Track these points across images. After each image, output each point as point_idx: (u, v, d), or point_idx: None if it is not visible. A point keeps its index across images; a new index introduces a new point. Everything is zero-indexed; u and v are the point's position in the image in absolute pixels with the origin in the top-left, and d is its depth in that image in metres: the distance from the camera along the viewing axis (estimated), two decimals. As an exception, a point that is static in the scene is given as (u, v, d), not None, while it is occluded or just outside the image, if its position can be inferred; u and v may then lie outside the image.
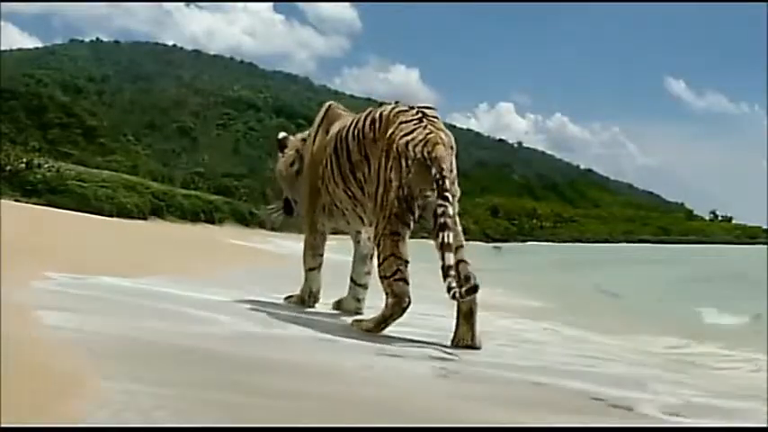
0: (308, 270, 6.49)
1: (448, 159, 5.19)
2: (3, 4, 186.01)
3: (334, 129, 6.19)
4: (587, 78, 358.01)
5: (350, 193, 5.81)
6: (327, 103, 6.75)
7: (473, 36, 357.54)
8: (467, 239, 5.36)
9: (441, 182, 5.04)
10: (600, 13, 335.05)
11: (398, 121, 5.36)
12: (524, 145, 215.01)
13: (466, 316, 5.14)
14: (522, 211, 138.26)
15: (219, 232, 59.63)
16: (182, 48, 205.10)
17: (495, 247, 39.79)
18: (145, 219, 66.20)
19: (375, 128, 5.52)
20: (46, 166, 70.55)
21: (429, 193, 5.12)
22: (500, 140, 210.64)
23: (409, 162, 5.14)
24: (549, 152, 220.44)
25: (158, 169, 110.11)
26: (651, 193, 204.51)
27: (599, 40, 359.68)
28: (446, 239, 4.97)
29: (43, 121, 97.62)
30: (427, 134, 5.23)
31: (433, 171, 5.06)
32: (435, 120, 5.45)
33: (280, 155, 6.91)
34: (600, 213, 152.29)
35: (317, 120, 6.60)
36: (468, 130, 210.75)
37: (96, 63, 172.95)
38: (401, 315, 5.18)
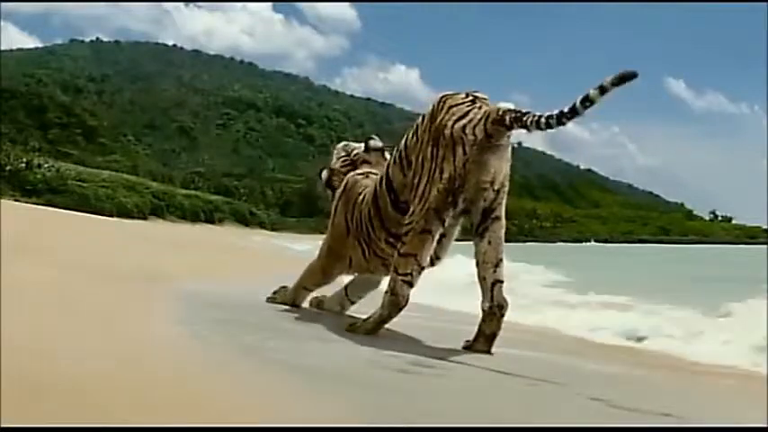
0: (302, 287, 6.31)
1: (500, 143, 4.68)
2: (3, 4, 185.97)
3: (360, 186, 5.74)
4: (586, 78, 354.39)
5: (392, 240, 5.26)
6: (349, 178, 5.93)
7: (473, 36, 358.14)
8: (468, 240, 5.20)
9: (521, 117, 4.51)
10: (600, 14, 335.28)
11: (447, 105, 4.89)
12: (524, 145, 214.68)
13: (488, 338, 4.87)
14: (522, 212, 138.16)
15: (225, 233, 59.68)
16: (182, 48, 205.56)
17: None
18: (145, 218, 66.24)
19: (418, 129, 5.07)
20: (46, 165, 70.63)
21: (485, 182, 4.71)
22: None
23: (467, 148, 4.70)
24: (548, 152, 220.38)
25: (158, 169, 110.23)
26: (651, 193, 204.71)
27: (599, 40, 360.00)
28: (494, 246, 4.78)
29: (43, 121, 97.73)
30: (486, 113, 4.66)
31: (507, 119, 4.54)
32: (486, 101, 4.90)
33: (326, 192, 6.43)
34: (600, 213, 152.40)
35: (341, 187, 5.93)
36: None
37: (96, 63, 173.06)
38: (395, 316, 4.94)
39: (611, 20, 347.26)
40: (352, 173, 5.96)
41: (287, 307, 5.95)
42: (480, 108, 4.70)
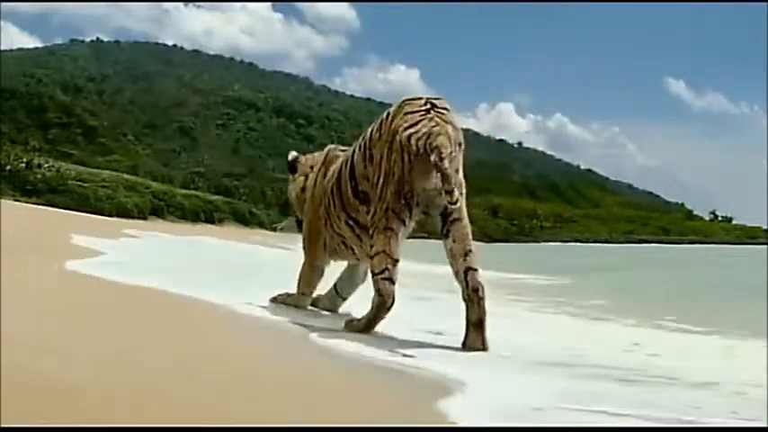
0: (299, 294, 6.43)
1: (449, 150, 4.87)
2: (3, 3, 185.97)
3: (335, 165, 6.05)
4: (587, 78, 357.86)
5: (351, 222, 5.65)
6: (327, 147, 6.55)
7: (473, 36, 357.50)
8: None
9: (443, 173, 4.76)
10: (600, 13, 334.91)
11: (404, 111, 5.15)
12: (524, 145, 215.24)
13: (475, 325, 5.08)
14: (522, 212, 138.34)
15: (227, 232, 59.60)
16: (182, 48, 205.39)
17: None
18: (145, 219, 66.18)
19: (381, 126, 5.31)
20: (46, 165, 70.58)
21: (432, 191, 4.98)
22: (500, 140, 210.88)
23: (411, 157, 4.96)
24: (549, 152, 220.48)
25: (158, 169, 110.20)
26: (651, 193, 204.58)
27: (599, 40, 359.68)
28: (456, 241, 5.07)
29: (43, 121, 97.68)
30: (432, 127, 4.95)
31: (432, 158, 4.79)
32: (444, 112, 5.12)
33: (291, 177, 6.69)
34: (600, 214, 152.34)
35: (318, 163, 6.39)
36: (468, 130, 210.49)
37: (96, 63, 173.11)
38: (386, 314, 5.16)
39: (612, 20, 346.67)
40: (333, 152, 6.32)
41: None
42: (431, 120, 4.97)
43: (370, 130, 5.49)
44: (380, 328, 5.33)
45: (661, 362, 5.24)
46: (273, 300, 6.54)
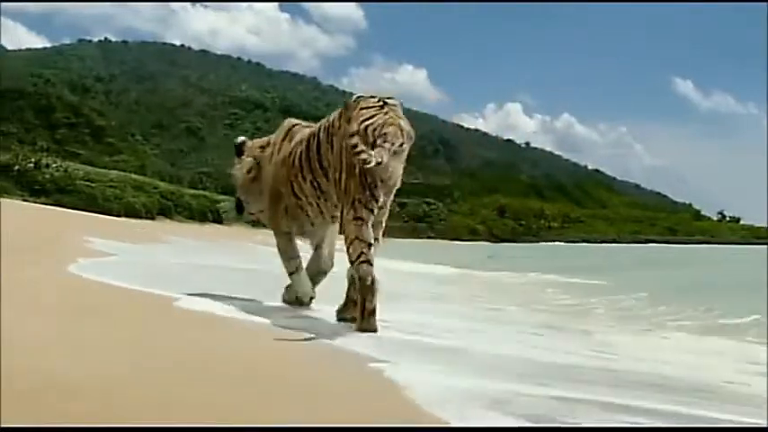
0: (290, 274, 6.55)
1: (400, 141, 5.31)
2: (10, 4, 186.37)
3: (302, 134, 6.33)
4: (595, 79, 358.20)
5: (315, 184, 6.00)
6: (288, 121, 6.80)
7: (481, 36, 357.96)
8: (475, 240, 5.52)
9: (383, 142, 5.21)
10: (608, 14, 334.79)
11: (359, 107, 5.46)
12: (532, 145, 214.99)
13: (356, 303, 5.47)
14: (530, 212, 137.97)
15: (235, 233, 59.58)
16: (189, 48, 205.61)
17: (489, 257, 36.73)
18: (153, 219, 66.25)
19: (341, 117, 5.65)
20: (54, 165, 70.65)
21: (389, 182, 5.40)
22: (507, 141, 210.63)
23: (369, 148, 5.21)
24: (556, 152, 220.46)
25: (166, 169, 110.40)
26: (658, 193, 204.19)
27: (607, 40, 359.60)
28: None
29: (51, 121, 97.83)
30: (387, 119, 5.34)
31: (379, 142, 5.19)
32: (395, 108, 5.52)
33: (237, 159, 6.96)
34: (607, 214, 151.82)
35: (281, 135, 6.64)
36: (476, 130, 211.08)
37: (104, 63, 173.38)
38: (373, 293, 5.38)
39: (620, 20, 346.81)
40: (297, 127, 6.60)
41: None
42: (386, 113, 5.38)
43: (332, 116, 5.91)
44: (383, 330, 5.40)
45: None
46: (284, 302, 6.65)
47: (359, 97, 5.61)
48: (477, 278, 18.11)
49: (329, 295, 6.26)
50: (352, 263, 5.45)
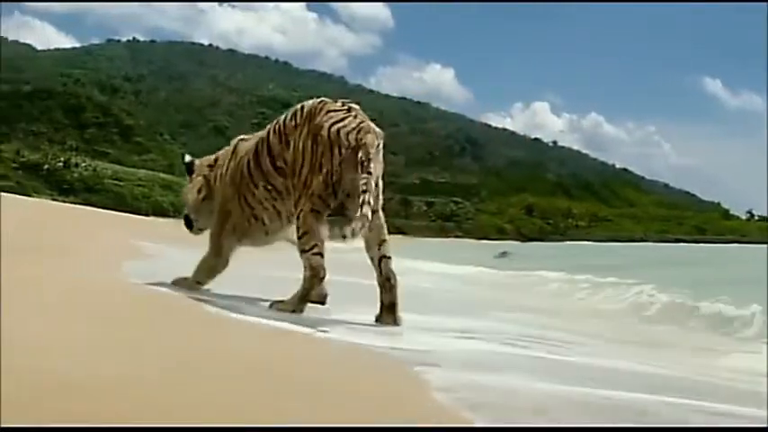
0: (196, 282, 6.50)
1: (375, 148, 5.41)
2: (39, 3, 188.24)
3: (246, 146, 6.37)
4: (622, 78, 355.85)
5: (270, 186, 5.99)
6: (236, 138, 6.76)
7: (508, 35, 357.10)
8: (502, 239, 5.51)
9: (366, 164, 5.29)
10: (636, 13, 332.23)
11: (326, 110, 5.60)
12: (559, 144, 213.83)
13: (388, 308, 5.63)
14: (557, 211, 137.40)
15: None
16: (217, 47, 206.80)
17: (502, 254, 36.38)
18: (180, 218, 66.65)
19: (296, 116, 5.76)
20: (83, 164, 71.43)
21: (355, 177, 5.37)
22: (535, 139, 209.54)
23: (342, 150, 5.38)
24: (583, 151, 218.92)
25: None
26: (687, 192, 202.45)
27: (636, 40, 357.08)
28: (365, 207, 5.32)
29: (80, 121, 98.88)
30: (359, 123, 5.48)
31: (360, 155, 5.29)
32: (360, 112, 5.67)
33: (188, 179, 6.93)
34: (635, 213, 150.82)
35: (228, 154, 6.61)
36: (503, 129, 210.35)
37: (132, 62, 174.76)
38: (319, 284, 5.62)
39: (648, 20, 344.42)
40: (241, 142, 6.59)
41: None
42: (356, 117, 5.54)
43: (283, 117, 5.98)
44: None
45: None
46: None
47: (323, 101, 5.76)
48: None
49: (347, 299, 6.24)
50: (303, 252, 5.52)
